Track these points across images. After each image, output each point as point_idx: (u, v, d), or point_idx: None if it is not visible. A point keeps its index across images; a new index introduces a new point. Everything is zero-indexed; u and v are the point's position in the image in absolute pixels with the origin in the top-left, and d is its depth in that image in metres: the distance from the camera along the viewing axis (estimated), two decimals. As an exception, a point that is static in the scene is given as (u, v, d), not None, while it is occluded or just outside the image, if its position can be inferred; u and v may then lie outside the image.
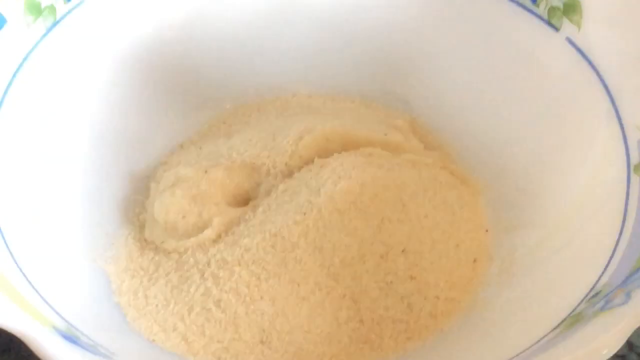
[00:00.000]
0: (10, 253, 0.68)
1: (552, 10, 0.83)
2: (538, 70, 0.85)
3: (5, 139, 0.75)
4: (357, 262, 0.77)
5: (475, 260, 0.81)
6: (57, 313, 0.66)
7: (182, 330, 0.74)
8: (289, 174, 0.83)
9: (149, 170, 0.91)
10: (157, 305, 0.76)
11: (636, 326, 0.59)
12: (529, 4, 0.85)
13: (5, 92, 0.76)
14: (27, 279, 0.67)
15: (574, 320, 0.64)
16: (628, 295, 0.62)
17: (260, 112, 0.97)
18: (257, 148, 0.85)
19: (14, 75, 0.78)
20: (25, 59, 0.78)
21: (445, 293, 0.78)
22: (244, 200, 0.84)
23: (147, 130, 0.92)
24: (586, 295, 0.67)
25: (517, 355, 0.64)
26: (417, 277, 0.78)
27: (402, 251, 0.78)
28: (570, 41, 0.82)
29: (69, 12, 0.83)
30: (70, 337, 0.61)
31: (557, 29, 0.83)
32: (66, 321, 0.65)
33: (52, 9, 0.81)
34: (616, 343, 0.58)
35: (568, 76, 0.82)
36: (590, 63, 0.80)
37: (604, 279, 0.67)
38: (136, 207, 0.87)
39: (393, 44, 0.96)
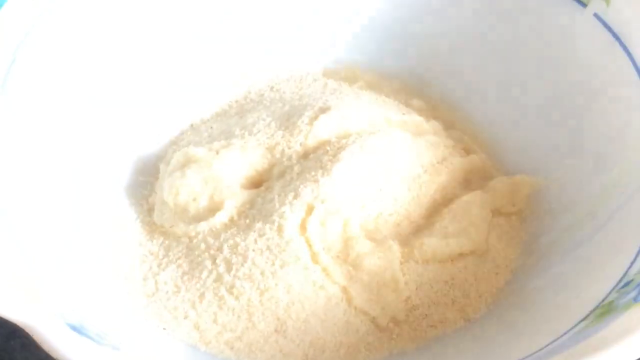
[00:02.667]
0: (16, 239, 0.64)
1: (580, -16, 0.80)
2: (565, 48, 0.82)
3: (8, 120, 0.72)
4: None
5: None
6: (64, 301, 0.63)
7: (193, 319, 0.71)
8: (304, 155, 0.80)
9: (158, 150, 0.88)
10: (167, 292, 0.73)
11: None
12: (555, -21, 0.82)
13: (8, 71, 0.73)
14: (33, 266, 0.64)
15: (604, 310, 0.61)
16: (663, 286, 0.59)
17: (274, 90, 0.94)
18: (272, 128, 0.82)
19: (15, 53, 0.74)
20: (27, 35, 0.75)
21: (470, 281, 0.75)
22: (258, 182, 0.80)
23: (156, 109, 0.89)
24: (617, 284, 0.64)
25: (542, 348, 0.61)
26: (438, 262, 0.76)
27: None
28: (598, 17, 0.79)
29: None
30: (77, 327, 0.58)
31: (584, 4, 0.80)
32: (73, 310, 0.63)
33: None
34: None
35: (596, 54, 0.79)
36: (619, 40, 0.77)
37: (636, 267, 0.64)
38: (145, 190, 0.84)
39: (416, 21, 0.93)
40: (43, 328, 0.53)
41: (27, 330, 0.53)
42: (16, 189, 0.69)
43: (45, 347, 0.52)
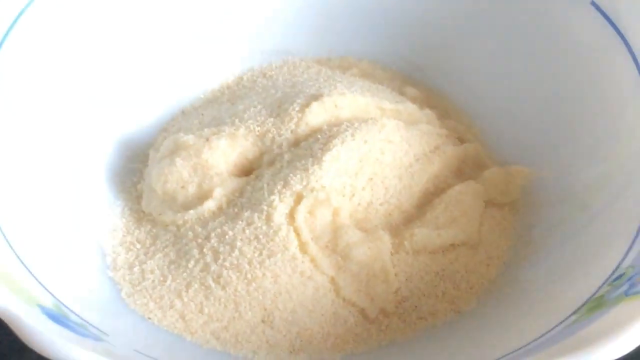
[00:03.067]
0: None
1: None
2: (562, 37, 0.81)
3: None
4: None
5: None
6: (47, 290, 0.62)
7: (179, 308, 0.70)
8: (295, 142, 0.78)
9: (148, 137, 0.87)
10: (153, 281, 0.72)
11: (665, 314, 0.54)
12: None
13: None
14: (15, 254, 0.63)
15: (594, 305, 0.60)
16: (655, 280, 0.58)
17: (267, 77, 0.92)
18: (262, 115, 0.81)
19: (6, 35, 0.73)
20: (15, 21, 0.74)
21: (461, 272, 0.74)
22: (248, 170, 0.79)
23: (147, 95, 0.88)
24: (608, 278, 0.63)
25: (532, 342, 0.60)
26: (429, 253, 0.75)
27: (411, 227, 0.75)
28: (596, 6, 0.77)
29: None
30: (58, 316, 0.57)
31: (582, -7, 0.78)
32: (56, 298, 0.62)
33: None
34: (643, 333, 0.53)
35: (594, 44, 0.78)
36: (616, 29, 0.76)
37: (628, 261, 0.63)
38: (134, 176, 0.83)
39: (411, 8, 0.91)
40: (19, 317, 0.52)
41: (4, 319, 0.52)
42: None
43: (21, 337, 0.51)
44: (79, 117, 0.81)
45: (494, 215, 0.79)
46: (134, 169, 0.84)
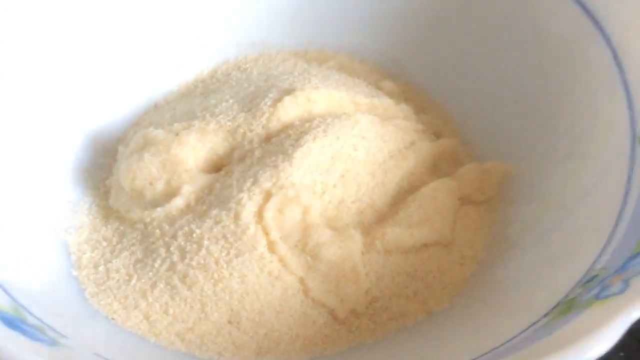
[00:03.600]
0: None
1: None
2: (541, 31, 0.79)
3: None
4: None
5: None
6: (4, 290, 0.61)
7: (143, 308, 0.68)
8: (266, 138, 0.77)
9: (119, 131, 0.85)
10: (118, 280, 0.71)
11: (634, 319, 0.53)
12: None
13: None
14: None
15: (566, 307, 0.59)
16: (626, 283, 0.56)
17: (241, 70, 0.91)
18: (234, 110, 0.79)
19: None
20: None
21: (434, 272, 0.73)
22: (217, 166, 0.77)
23: (118, 88, 0.86)
24: (581, 279, 0.61)
25: (503, 344, 0.59)
26: (401, 253, 0.73)
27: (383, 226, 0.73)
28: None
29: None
30: (12, 319, 0.55)
31: (561, -14, 0.77)
32: (13, 299, 0.60)
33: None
34: (611, 338, 0.52)
35: (572, 36, 0.76)
36: (596, 22, 0.74)
37: (601, 262, 0.62)
38: (103, 172, 0.81)
39: (393, 1, 0.90)
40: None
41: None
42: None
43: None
44: (48, 109, 0.79)
45: (469, 213, 0.78)
46: (104, 163, 0.82)
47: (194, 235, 0.70)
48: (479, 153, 0.83)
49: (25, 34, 0.77)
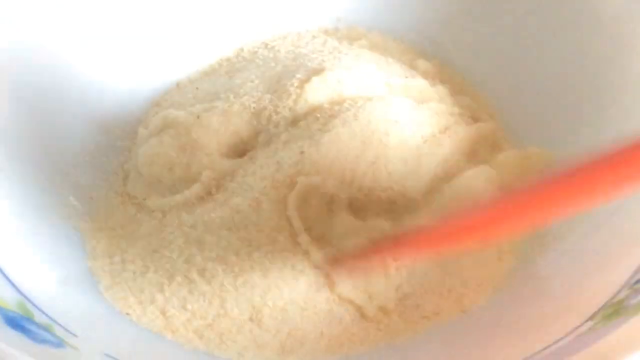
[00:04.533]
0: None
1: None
2: (583, 8, 0.75)
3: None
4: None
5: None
6: (12, 284, 0.57)
7: (160, 303, 0.65)
8: (293, 121, 0.72)
9: (140, 111, 0.81)
10: (134, 272, 0.67)
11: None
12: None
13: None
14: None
15: (613, 310, 0.55)
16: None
17: (268, 48, 0.86)
18: (259, 90, 0.75)
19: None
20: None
21: (470, 268, 0.68)
22: (241, 151, 0.73)
23: (139, 65, 0.82)
24: (629, 280, 0.57)
25: (542, 350, 0.55)
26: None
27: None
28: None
29: None
30: (17, 319, 0.52)
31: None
32: (21, 293, 0.57)
33: None
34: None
35: (623, 16, 0.72)
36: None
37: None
38: (121, 155, 0.78)
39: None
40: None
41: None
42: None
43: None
44: (64, 86, 0.76)
45: (509, 203, 0.73)
46: (123, 147, 0.79)
47: (214, 225, 0.66)
48: (519, 138, 0.78)
49: (41, 10, 0.75)
